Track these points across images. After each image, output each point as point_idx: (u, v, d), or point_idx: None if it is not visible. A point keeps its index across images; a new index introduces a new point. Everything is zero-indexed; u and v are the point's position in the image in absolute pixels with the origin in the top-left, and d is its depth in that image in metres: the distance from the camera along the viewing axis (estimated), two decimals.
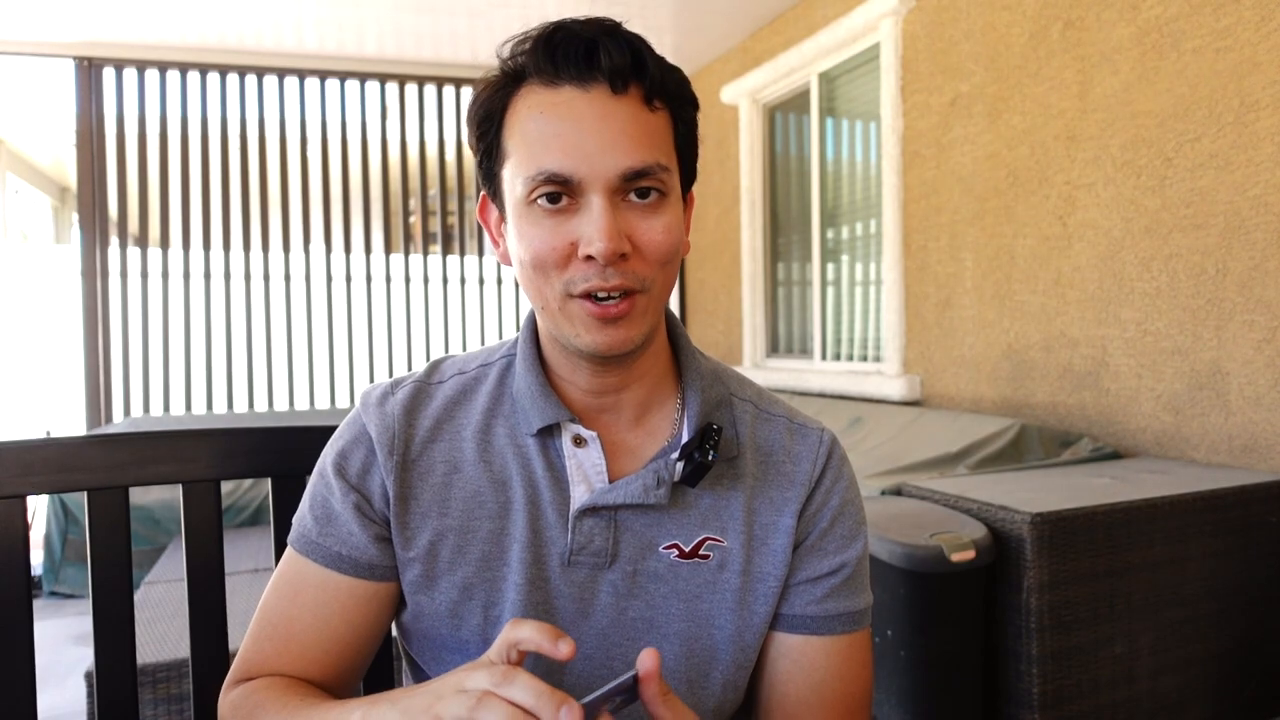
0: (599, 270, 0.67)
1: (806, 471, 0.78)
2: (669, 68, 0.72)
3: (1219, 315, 2.26)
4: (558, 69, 0.67)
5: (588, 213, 0.67)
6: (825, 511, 0.78)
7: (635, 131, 0.67)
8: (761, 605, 0.76)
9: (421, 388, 0.78)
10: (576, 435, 0.75)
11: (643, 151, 0.67)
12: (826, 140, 4.04)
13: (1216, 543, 1.93)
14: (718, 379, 0.81)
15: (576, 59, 0.67)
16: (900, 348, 3.43)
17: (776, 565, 0.76)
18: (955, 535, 1.78)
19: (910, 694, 1.82)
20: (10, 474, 0.84)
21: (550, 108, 0.67)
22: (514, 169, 0.69)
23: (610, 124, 0.67)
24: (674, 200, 0.71)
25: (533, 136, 0.68)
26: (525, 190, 0.68)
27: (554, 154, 0.66)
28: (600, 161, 0.66)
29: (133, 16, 4.10)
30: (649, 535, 0.75)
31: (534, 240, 0.68)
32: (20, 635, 0.84)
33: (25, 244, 9.04)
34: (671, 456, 0.74)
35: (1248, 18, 2.15)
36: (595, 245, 0.66)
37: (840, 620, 0.77)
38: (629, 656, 0.74)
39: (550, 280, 0.69)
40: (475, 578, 0.74)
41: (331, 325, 5.01)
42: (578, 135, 0.66)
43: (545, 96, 0.68)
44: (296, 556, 0.76)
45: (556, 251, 0.67)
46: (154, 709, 1.74)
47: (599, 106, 0.67)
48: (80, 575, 3.48)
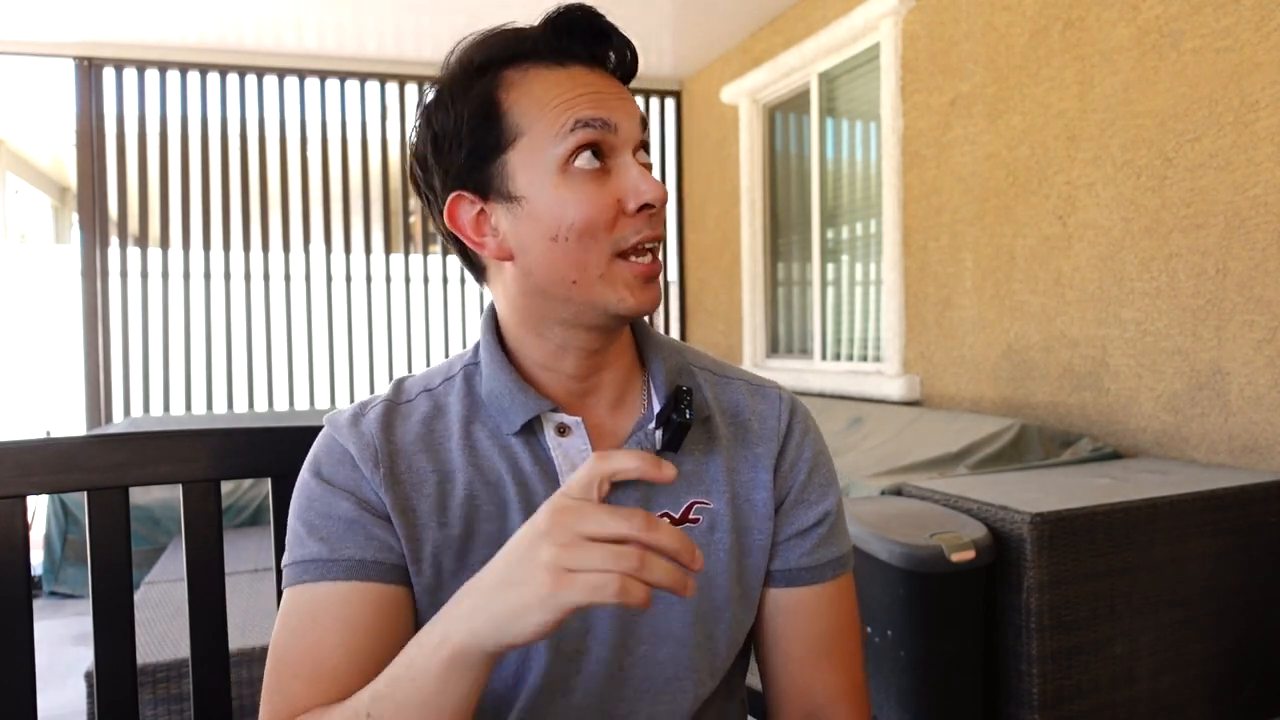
0: (648, 221, 0.71)
1: (773, 427, 0.82)
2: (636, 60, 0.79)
3: (1219, 315, 2.26)
4: (566, 50, 0.72)
5: (626, 170, 0.71)
6: (801, 464, 0.82)
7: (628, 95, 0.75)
8: (753, 559, 0.79)
9: (391, 406, 0.77)
10: (560, 424, 0.75)
11: (643, 121, 0.74)
12: (826, 140, 4.04)
13: (1216, 543, 1.93)
14: (674, 350, 0.84)
15: (585, 40, 0.72)
16: (900, 348, 3.43)
17: (761, 519, 0.79)
18: (955, 535, 1.78)
19: (910, 694, 1.82)
20: (10, 474, 0.84)
21: (567, 77, 0.71)
22: (535, 139, 0.70)
23: (620, 91, 0.73)
24: None
25: (556, 100, 0.70)
26: (566, 151, 0.70)
27: (585, 105, 0.70)
28: (624, 117, 0.71)
29: (133, 16, 4.10)
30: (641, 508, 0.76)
31: (582, 204, 0.70)
32: (20, 635, 0.84)
33: (25, 244, 9.04)
34: (649, 427, 0.76)
35: (1248, 18, 2.15)
36: (651, 193, 0.70)
37: (830, 566, 0.81)
38: (640, 633, 0.75)
39: (599, 242, 0.70)
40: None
41: (331, 325, 5.01)
42: (600, 95, 0.71)
43: (555, 73, 0.72)
44: (306, 588, 0.71)
45: (608, 210, 0.70)
46: (154, 709, 1.74)
47: (608, 79, 0.73)
48: (80, 575, 3.48)
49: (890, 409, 3.26)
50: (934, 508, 1.97)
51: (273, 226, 4.92)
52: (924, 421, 2.97)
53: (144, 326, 4.70)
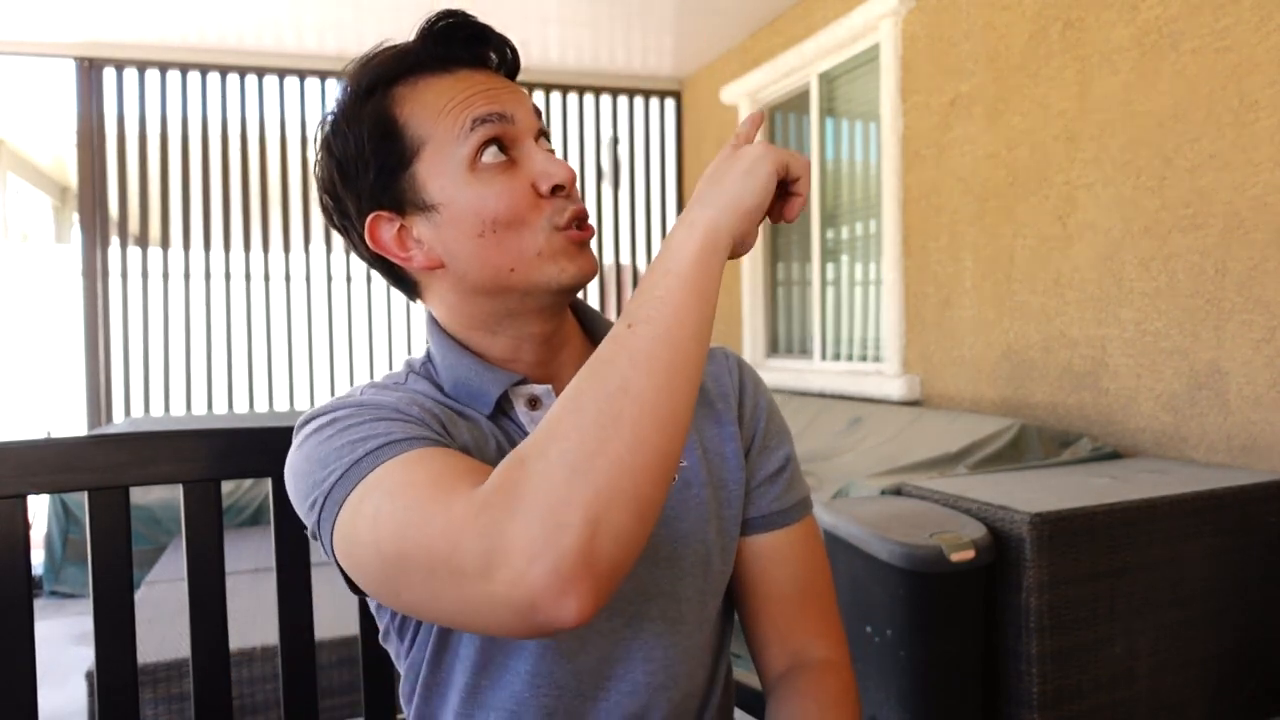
0: (568, 199, 0.73)
1: (727, 383, 0.86)
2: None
3: (1218, 315, 2.26)
4: (449, 55, 0.74)
5: (529, 156, 0.73)
6: (759, 414, 0.86)
7: (518, 88, 0.77)
8: (728, 510, 0.82)
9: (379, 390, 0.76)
10: (530, 396, 0.77)
11: (536, 110, 0.76)
12: (826, 140, 4.04)
13: (1216, 543, 1.93)
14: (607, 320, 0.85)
15: (467, 42, 0.74)
16: (900, 348, 3.43)
17: (733, 470, 0.83)
18: (955, 535, 1.78)
19: (910, 694, 1.82)
20: (10, 474, 0.84)
21: (456, 81, 0.73)
22: (438, 146, 0.72)
23: (503, 82, 0.75)
24: None
25: (452, 104, 0.72)
26: (471, 150, 0.71)
27: (480, 101, 0.72)
28: (518, 106, 0.74)
29: (133, 16, 4.10)
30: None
31: (501, 196, 0.71)
32: (20, 635, 0.84)
33: (25, 244, 9.05)
34: None
35: (1248, 18, 2.15)
36: (559, 174, 0.72)
37: (798, 509, 0.86)
38: (626, 592, 0.75)
39: (530, 226, 0.72)
40: None
41: (331, 325, 5.01)
42: (493, 91, 0.73)
43: (444, 80, 0.73)
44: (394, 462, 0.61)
45: (526, 197, 0.72)
46: (154, 709, 1.74)
47: (489, 76, 0.75)
48: (80, 575, 3.48)
49: (890, 409, 3.26)
50: (934, 508, 1.97)
51: (273, 226, 4.92)
52: (924, 421, 2.97)
53: (144, 326, 4.70)
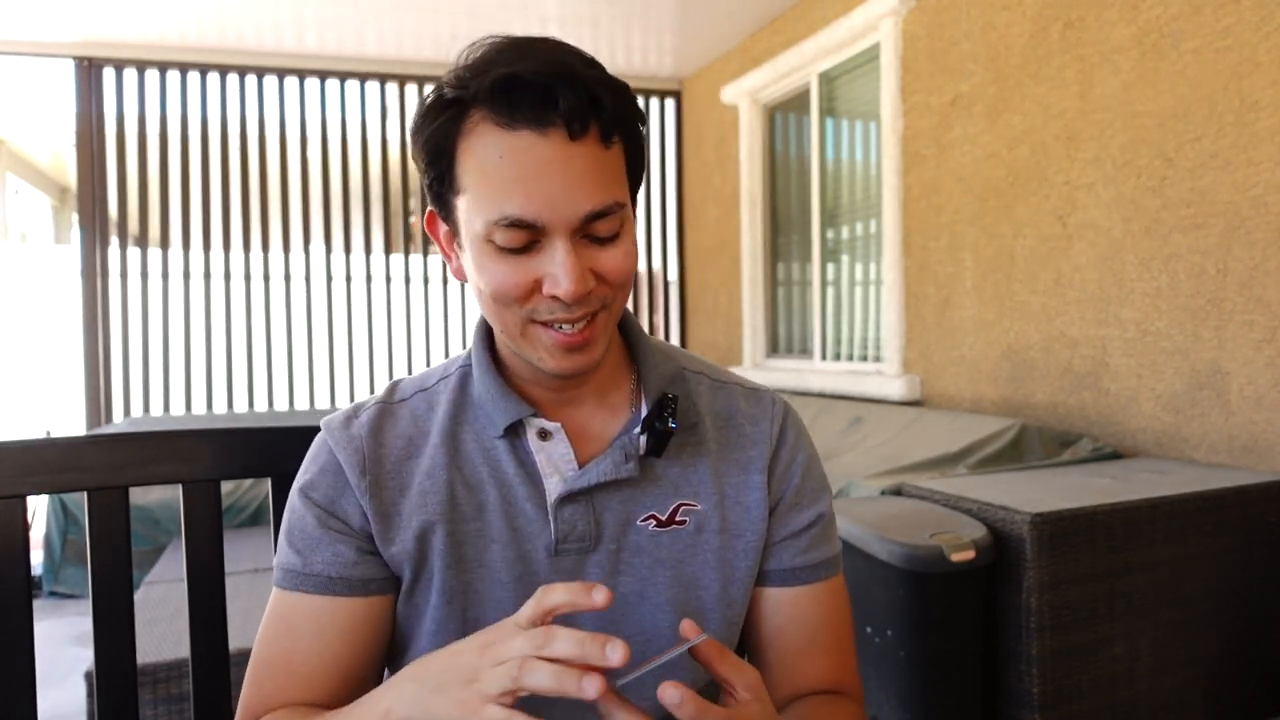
0: (564, 306, 0.69)
1: (766, 431, 0.82)
2: (620, 95, 0.70)
3: (1219, 315, 2.26)
4: (513, 112, 0.66)
5: (551, 254, 0.68)
6: (795, 468, 0.83)
7: (595, 173, 0.68)
8: (742, 561, 0.80)
9: (385, 408, 0.79)
10: (541, 429, 0.77)
11: (601, 193, 0.68)
12: (826, 140, 4.04)
13: (1216, 543, 1.93)
14: (667, 356, 0.84)
15: (533, 104, 0.66)
16: (900, 348, 3.43)
17: (753, 521, 0.80)
18: (955, 535, 1.78)
19: (910, 694, 1.82)
20: (10, 474, 0.84)
21: (510, 152, 0.66)
22: (472, 205, 0.69)
23: (571, 167, 0.67)
24: (629, 228, 0.73)
25: (492, 178, 0.67)
26: (484, 230, 0.68)
27: (516, 199, 0.66)
28: (563, 206, 0.67)
29: (133, 16, 4.10)
30: (626, 511, 0.77)
31: (495, 276, 0.69)
32: (20, 635, 0.84)
33: (24, 244, 9.04)
34: (634, 432, 0.77)
35: (1248, 18, 2.15)
36: (562, 287, 0.67)
37: (824, 566, 0.82)
38: (624, 632, 0.75)
39: (512, 310, 0.70)
40: (454, 582, 0.75)
41: (331, 325, 5.01)
42: (539, 181, 0.66)
43: (502, 139, 0.67)
44: (285, 594, 0.75)
45: (520, 288, 0.69)
46: (154, 709, 1.74)
47: (558, 150, 0.66)
48: (80, 575, 3.48)
49: (890, 409, 3.26)
50: (934, 508, 1.97)
51: (273, 226, 4.92)
52: (924, 421, 2.97)
53: (144, 326, 4.70)
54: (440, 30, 4.38)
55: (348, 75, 4.90)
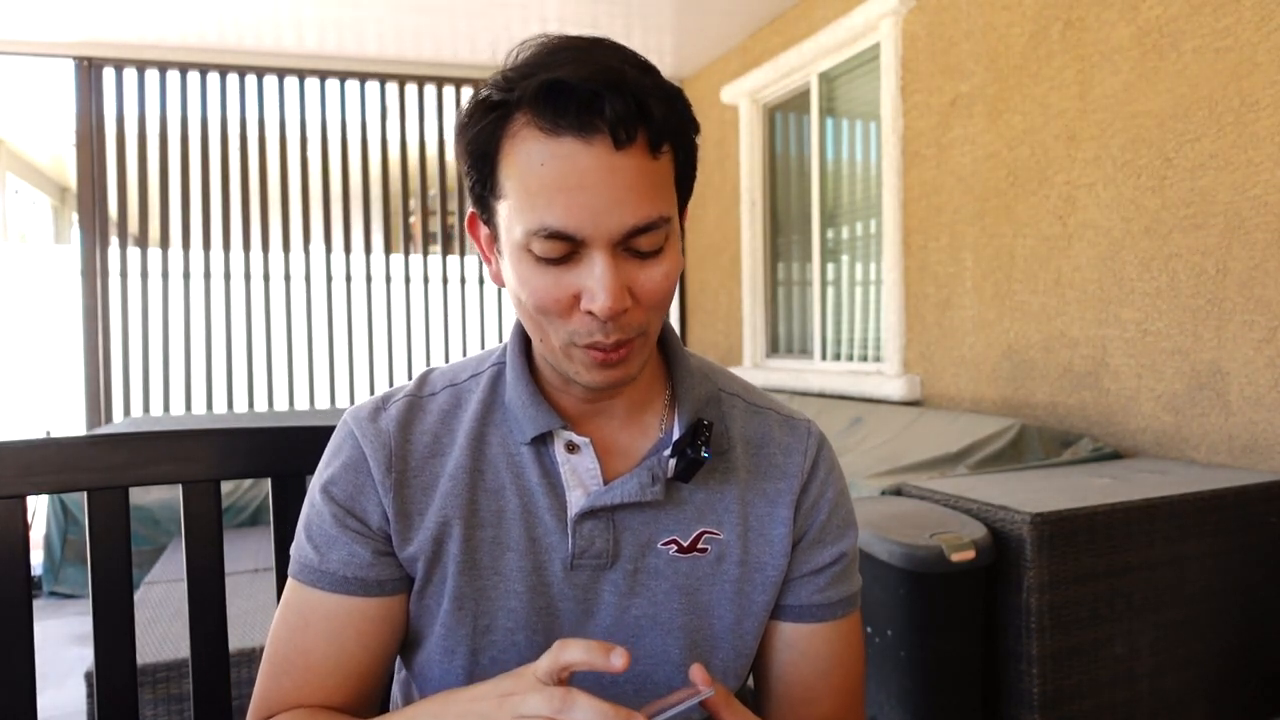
0: (600, 325, 0.67)
1: (798, 463, 0.80)
2: (672, 103, 0.68)
3: (1219, 315, 2.26)
4: (558, 119, 0.63)
5: (590, 267, 0.66)
6: (822, 504, 0.80)
7: (640, 186, 0.65)
8: (760, 594, 0.78)
9: (414, 402, 0.78)
10: (569, 442, 0.75)
11: (646, 207, 0.66)
12: (826, 140, 4.04)
13: (1216, 543, 1.93)
14: (705, 376, 0.82)
15: (579, 111, 0.63)
16: (900, 348, 3.43)
17: (775, 555, 0.78)
18: (955, 535, 1.78)
19: (910, 694, 1.82)
20: (10, 474, 0.84)
21: (551, 160, 0.64)
22: (512, 212, 0.67)
23: (615, 179, 0.64)
24: (673, 242, 0.70)
25: (534, 188, 0.65)
26: (524, 238, 0.66)
27: (557, 211, 0.64)
28: (605, 220, 0.64)
29: (133, 16, 4.10)
30: (647, 533, 0.76)
31: (535, 289, 0.67)
32: (20, 635, 0.84)
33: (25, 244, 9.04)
34: (664, 454, 0.75)
35: (1248, 18, 2.15)
36: (599, 303, 0.65)
37: (841, 605, 0.80)
38: (635, 653, 0.75)
39: (553, 324, 0.68)
40: (467, 587, 0.74)
41: (331, 325, 5.01)
42: (582, 193, 0.64)
43: (545, 146, 0.64)
44: (301, 587, 0.75)
45: (560, 303, 0.67)
46: (154, 709, 1.74)
47: (603, 161, 0.64)
48: (80, 575, 3.48)
49: (890, 409, 3.26)
50: (934, 508, 1.97)
51: (273, 226, 4.92)
52: (924, 421, 2.97)
53: (144, 326, 4.70)
54: (440, 30, 4.38)
55: (348, 75, 4.90)
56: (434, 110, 5.14)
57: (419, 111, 5.11)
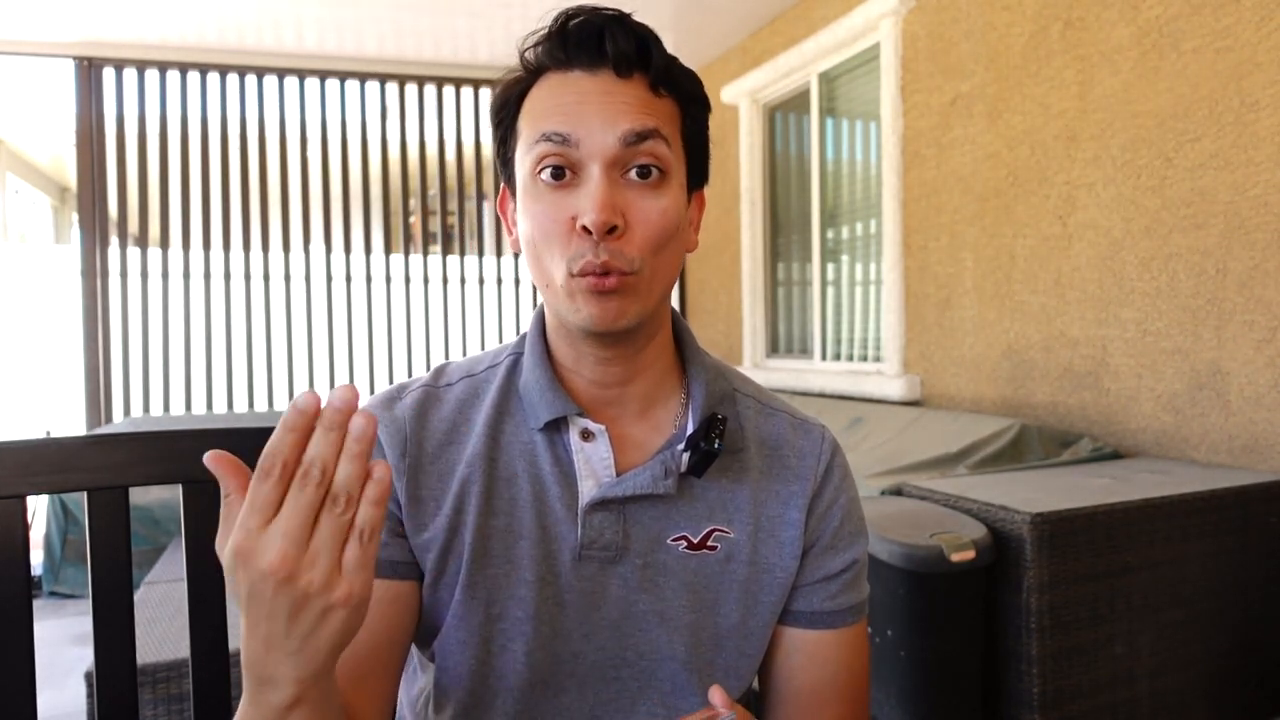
0: (592, 245, 0.68)
1: (811, 466, 0.80)
2: (680, 64, 0.74)
3: (1219, 315, 2.26)
4: (568, 54, 0.70)
5: (586, 185, 0.69)
6: (835, 510, 0.80)
7: (638, 104, 0.70)
8: (767, 595, 0.78)
9: (430, 392, 0.78)
10: (584, 429, 0.75)
11: (643, 118, 0.69)
12: (826, 140, 4.04)
13: (1216, 543, 1.93)
14: (721, 374, 0.82)
15: (585, 44, 0.70)
16: (900, 348, 3.43)
17: (785, 558, 0.78)
18: (955, 535, 1.78)
19: (910, 694, 1.82)
20: (10, 474, 0.84)
21: (559, 85, 0.71)
22: (522, 145, 0.72)
23: (613, 99, 0.69)
24: (675, 185, 0.72)
25: (539, 110, 0.71)
26: (532, 162, 0.70)
27: (554, 118, 0.69)
28: (599, 129, 0.68)
29: (133, 16, 4.10)
30: (658, 527, 0.76)
31: (537, 214, 0.70)
32: (20, 635, 0.84)
33: (25, 244, 9.05)
34: (678, 448, 0.75)
35: (1248, 18, 2.15)
36: (588, 215, 0.67)
37: (851, 612, 0.81)
38: (640, 647, 0.75)
39: (555, 256, 0.70)
40: (478, 575, 0.74)
41: (331, 325, 5.01)
42: (580, 105, 0.69)
43: (556, 79, 0.71)
44: None
45: (558, 224, 0.69)
46: (154, 709, 1.74)
47: (604, 84, 0.70)
48: (80, 575, 3.48)
49: (890, 409, 3.26)
50: (934, 508, 1.97)
51: (273, 226, 4.92)
52: (924, 421, 2.97)
53: (144, 326, 4.70)
54: (440, 30, 4.38)
55: (348, 75, 4.90)
56: (434, 110, 5.14)
57: (419, 111, 5.11)
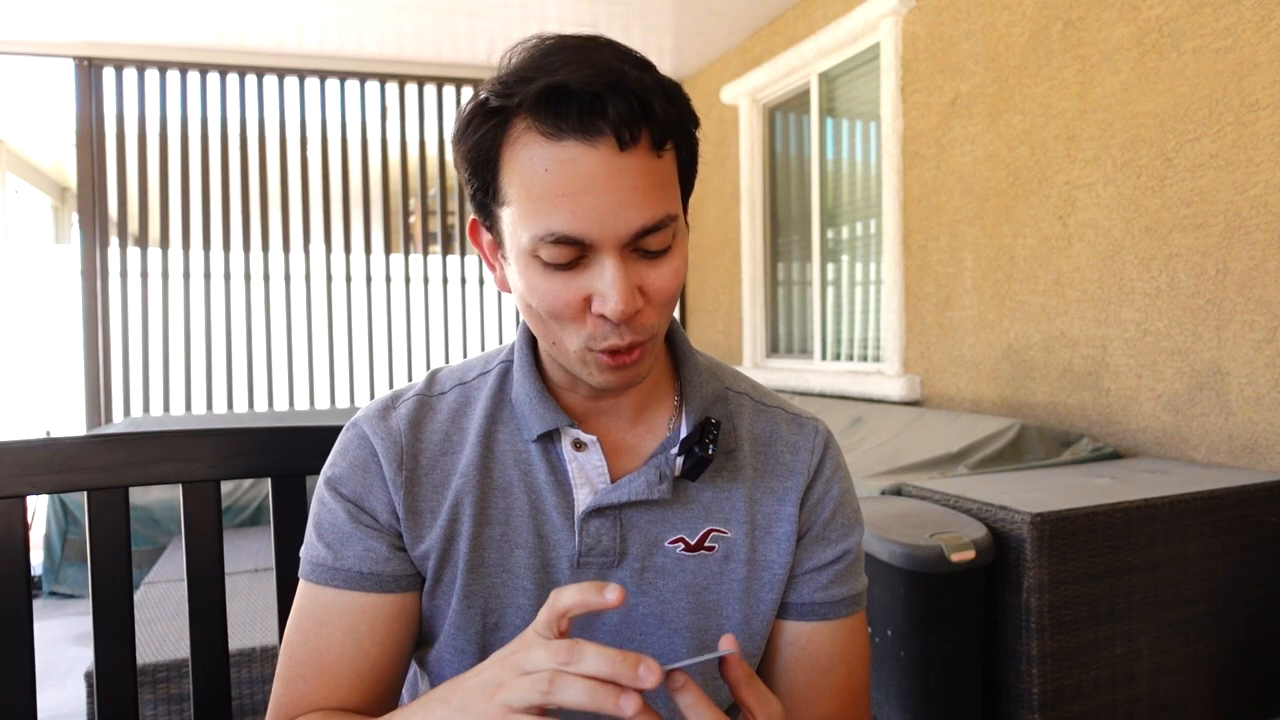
0: (614, 329, 0.67)
1: (805, 461, 0.80)
2: (673, 99, 0.68)
3: (1219, 315, 2.26)
4: (559, 123, 0.63)
5: (599, 270, 0.65)
6: (827, 501, 0.80)
7: (645, 186, 0.65)
8: (767, 593, 0.78)
9: (424, 400, 0.78)
10: (576, 439, 0.75)
11: (653, 207, 0.65)
12: (826, 140, 4.04)
13: (1216, 543, 1.93)
14: (713, 375, 0.82)
15: (580, 114, 0.62)
16: (900, 348, 3.43)
17: (781, 553, 0.78)
18: (955, 535, 1.78)
19: (910, 694, 1.82)
20: (10, 474, 0.84)
21: (555, 165, 0.63)
22: (517, 219, 0.66)
23: (620, 181, 0.64)
24: (680, 240, 0.70)
25: (538, 193, 0.64)
26: (531, 245, 0.65)
27: (563, 216, 0.63)
28: (612, 222, 0.64)
29: (133, 16, 4.10)
30: (654, 531, 0.76)
31: (545, 295, 0.67)
32: (20, 635, 0.84)
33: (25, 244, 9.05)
34: (671, 452, 0.75)
35: (1248, 18, 2.15)
36: (610, 306, 0.64)
37: (845, 604, 0.80)
38: (641, 651, 0.74)
39: (566, 330, 0.68)
40: (475, 585, 0.74)
41: (331, 325, 5.01)
42: (588, 196, 0.63)
43: (548, 150, 0.63)
44: (314, 588, 0.74)
45: (571, 307, 0.66)
46: (154, 709, 1.74)
47: (607, 164, 0.63)
48: (80, 575, 3.48)
49: (890, 409, 3.26)
50: (934, 508, 1.97)
51: (273, 226, 4.92)
52: (924, 421, 2.97)
53: (144, 326, 4.70)
54: (440, 30, 4.38)
55: (348, 75, 4.90)
56: (434, 110, 5.14)
57: (419, 111, 5.11)
